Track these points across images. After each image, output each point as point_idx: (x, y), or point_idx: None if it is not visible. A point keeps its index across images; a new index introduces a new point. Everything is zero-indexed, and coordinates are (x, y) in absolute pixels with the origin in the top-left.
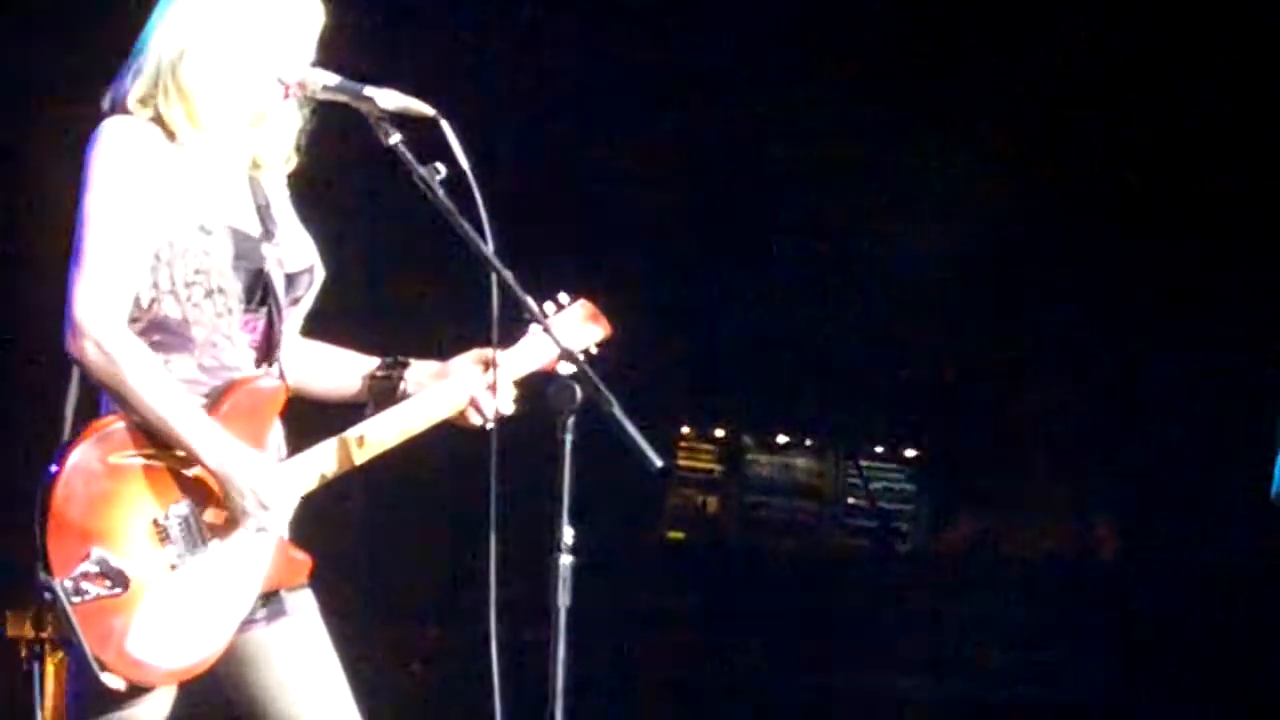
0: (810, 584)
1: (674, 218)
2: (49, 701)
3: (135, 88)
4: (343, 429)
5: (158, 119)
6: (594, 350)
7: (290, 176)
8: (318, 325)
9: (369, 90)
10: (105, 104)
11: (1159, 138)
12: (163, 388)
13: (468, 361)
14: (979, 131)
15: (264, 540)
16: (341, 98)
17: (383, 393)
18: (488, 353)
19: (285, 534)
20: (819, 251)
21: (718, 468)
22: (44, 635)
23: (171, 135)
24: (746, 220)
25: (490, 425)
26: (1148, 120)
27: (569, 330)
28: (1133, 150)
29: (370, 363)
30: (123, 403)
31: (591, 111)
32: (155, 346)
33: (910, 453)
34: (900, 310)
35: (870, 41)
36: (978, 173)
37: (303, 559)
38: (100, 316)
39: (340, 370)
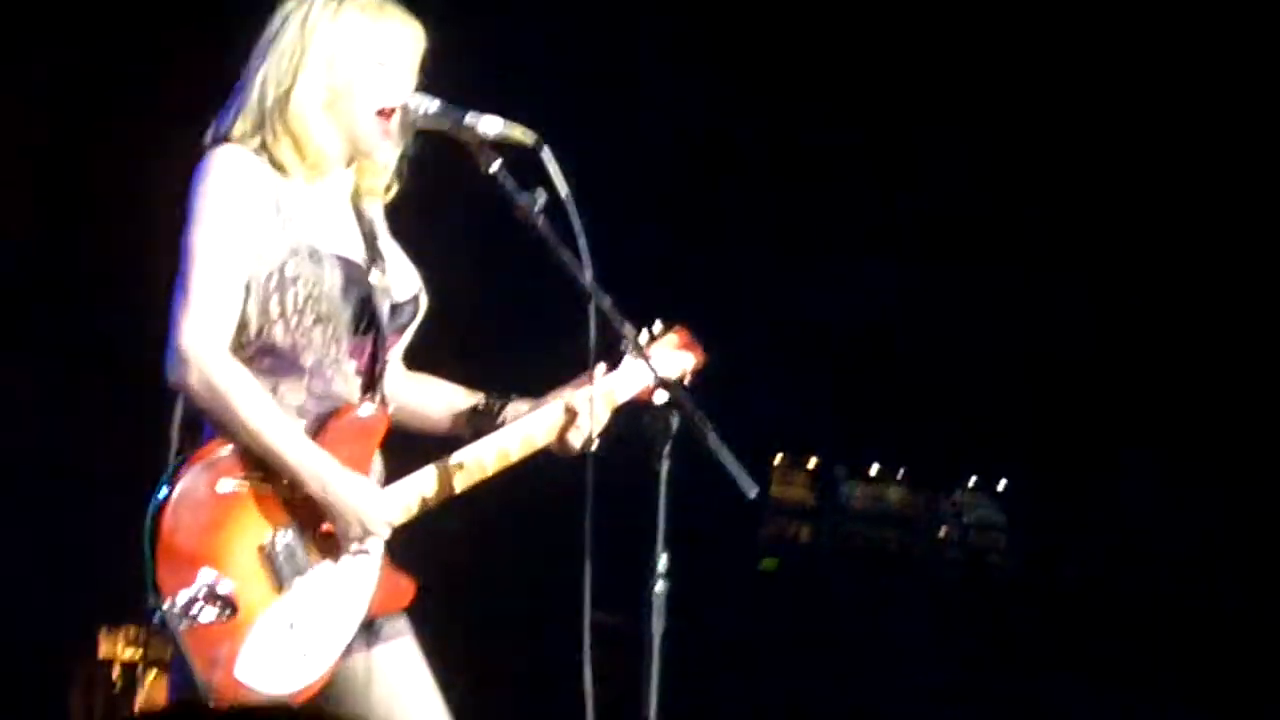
0: (901, 613)
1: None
2: None
3: (239, 125)
4: (440, 456)
5: (263, 148)
6: (688, 379)
7: (392, 203)
8: (419, 352)
9: (470, 118)
10: (208, 138)
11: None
12: (267, 414)
13: (565, 390)
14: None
15: (369, 566)
16: (442, 126)
17: (482, 427)
18: (586, 382)
19: (385, 559)
20: (912, 280)
21: (810, 497)
22: (139, 657)
23: (279, 167)
24: (843, 246)
25: (585, 449)
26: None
27: (663, 358)
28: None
29: (472, 398)
30: (227, 430)
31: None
32: (265, 373)
33: (1003, 484)
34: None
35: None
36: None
37: (407, 585)
38: (205, 345)
39: (444, 403)
